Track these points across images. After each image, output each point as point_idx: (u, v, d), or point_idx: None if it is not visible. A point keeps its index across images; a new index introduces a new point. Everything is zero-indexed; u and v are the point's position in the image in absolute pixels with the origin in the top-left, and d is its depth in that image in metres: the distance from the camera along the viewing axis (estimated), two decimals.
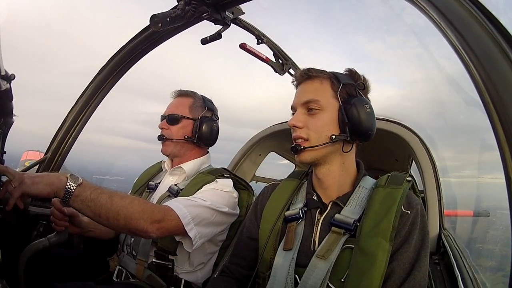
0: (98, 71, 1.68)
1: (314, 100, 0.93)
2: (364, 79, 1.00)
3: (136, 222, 0.97)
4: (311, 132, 0.92)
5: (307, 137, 0.92)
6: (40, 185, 0.89)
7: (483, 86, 0.53)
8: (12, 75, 0.97)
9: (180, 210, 1.08)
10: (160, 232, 1.03)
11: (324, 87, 0.95)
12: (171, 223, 1.05)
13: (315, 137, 0.92)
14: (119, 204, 0.96)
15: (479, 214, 2.72)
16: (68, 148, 1.74)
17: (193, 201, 1.15)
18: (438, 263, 1.21)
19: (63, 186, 0.90)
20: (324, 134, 0.91)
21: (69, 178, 0.92)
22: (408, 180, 0.91)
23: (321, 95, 0.93)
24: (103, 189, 0.97)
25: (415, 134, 1.52)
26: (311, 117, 0.93)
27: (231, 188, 1.29)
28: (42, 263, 1.23)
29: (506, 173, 0.49)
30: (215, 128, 1.41)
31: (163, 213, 1.04)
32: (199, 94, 1.46)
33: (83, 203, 0.93)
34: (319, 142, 0.91)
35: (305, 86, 0.97)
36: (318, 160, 0.94)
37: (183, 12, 1.17)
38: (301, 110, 0.95)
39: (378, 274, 0.77)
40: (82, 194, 0.92)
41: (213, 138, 1.42)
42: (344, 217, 0.89)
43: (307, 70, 0.98)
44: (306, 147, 0.92)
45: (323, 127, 0.92)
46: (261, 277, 0.96)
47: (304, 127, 0.93)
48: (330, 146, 0.92)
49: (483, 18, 0.57)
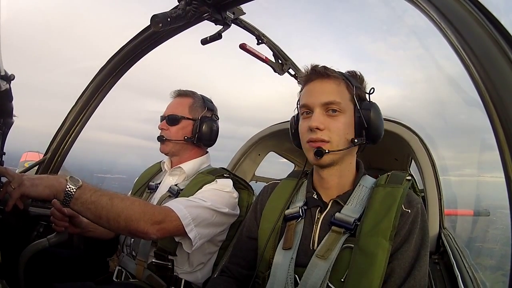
0: (98, 71, 1.68)
1: (336, 102, 0.90)
2: (364, 81, 1.00)
3: (137, 224, 0.97)
4: (333, 135, 0.90)
5: (328, 140, 0.90)
6: (39, 187, 0.89)
7: (483, 86, 0.53)
8: (12, 76, 0.96)
9: (181, 211, 1.08)
10: (161, 233, 1.03)
11: (341, 89, 0.93)
12: (172, 224, 1.05)
13: (337, 140, 0.90)
14: (119, 206, 0.95)
15: (480, 213, 2.71)
16: (68, 148, 1.73)
17: (194, 202, 1.15)
18: (438, 263, 1.21)
19: (63, 188, 0.90)
20: (344, 137, 0.90)
21: (69, 181, 0.91)
22: (408, 179, 0.91)
23: (341, 97, 0.91)
24: (103, 191, 0.96)
25: (414, 134, 1.53)
26: (332, 119, 0.90)
27: (231, 188, 1.29)
28: (42, 263, 1.22)
29: (506, 173, 0.49)
30: (215, 129, 1.40)
31: (163, 214, 1.04)
32: (198, 94, 1.45)
33: (83, 206, 0.92)
34: (340, 145, 0.90)
35: (322, 85, 0.93)
36: (335, 162, 0.93)
37: (184, 12, 1.16)
38: (320, 111, 0.91)
39: (378, 273, 0.77)
40: (82, 196, 0.92)
41: (213, 139, 1.41)
42: (344, 216, 0.89)
43: (324, 68, 0.93)
44: (331, 150, 0.89)
45: (344, 130, 0.90)
46: (261, 277, 0.96)
47: (325, 129, 0.90)
48: (349, 149, 0.91)
49: (483, 18, 0.57)
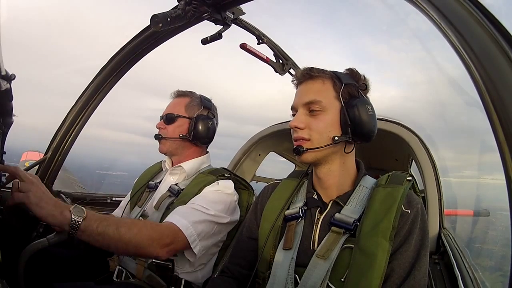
0: (99, 71, 1.68)
1: (316, 101, 0.91)
2: (364, 78, 0.98)
3: (147, 250, 1.00)
4: (313, 133, 0.91)
5: (308, 138, 0.91)
6: (43, 211, 0.86)
7: (483, 86, 0.53)
8: (12, 75, 0.96)
9: (187, 230, 1.10)
10: (170, 254, 1.07)
11: (326, 88, 0.93)
12: (179, 244, 1.09)
13: (317, 138, 0.91)
14: (127, 236, 0.96)
15: (479, 213, 2.71)
16: (68, 148, 1.74)
17: (198, 214, 1.16)
18: (438, 263, 1.21)
19: (68, 221, 0.88)
20: (326, 135, 0.90)
21: (73, 213, 0.89)
22: (409, 180, 0.91)
23: (323, 96, 0.92)
24: (108, 219, 0.96)
25: (415, 134, 1.53)
26: (313, 118, 0.92)
27: (232, 190, 1.29)
28: (43, 263, 1.22)
29: (506, 173, 0.49)
30: (211, 126, 1.39)
31: (171, 236, 1.06)
32: (197, 94, 1.46)
33: (90, 237, 0.92)
34: (321, 143, 0.90)
35: (306, 86, 0.95)
36: (319, 160, 0.94)
37: (184, 12, 1.17)
38: (302, 111, 0.93)
39: (377, 274, 0.77)
40: (88, 228, 0.91)
41: (209, 136, 1.41)
42: (344, 216, 0.89)
43: (309, 70, 0.96)
44: (309, 148, 0.91)
45: (325, 128, 0.91)
46: (261, 277, 0.96)
47: (305, 128, 0.91)
48: (332, 147, 0.91)
49: (483, 18, 0.57)
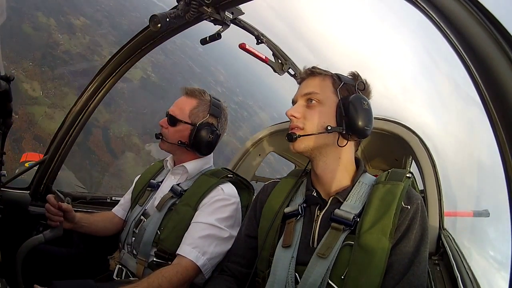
0: (98, 71, 1.68)
1: (313, 92, 0.96)
2: (366, 82, 1.00)
3: None
4: (308, 122, 0.94)
5: (302, 127, 0.94)
6: None
7: (483, 86, 0.53)
8: (11, 76, 0.96)
9: (200, 261, 1.14)
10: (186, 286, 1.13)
11: (325, 83, 0.97)
12: (193, 276, 1.14)
13: (311, 127, 0.94)
14: None
15: (480, 214, 2.70)
16: (67, 148, 1.73)
17: (215, 238, 1.18)
18: (438, 264, 1.20)
19: None
20: (320, 125, 0.93)
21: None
22: (408, 177, 0.91)
23: (321, 90, 0.96)
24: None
25: (415, 134, 1.52)
26: (309, 109, 0.96)
27: (236, 196, 1.29)
28: (43, 262, 1.22)
29: (506, 173, 0.49)
30: (212, 140, 1.32)
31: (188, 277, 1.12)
32: (208, 96, 1.38)
33: None
34: (313, 131, 0.93)
35: (307, 82, 1.01)
36: (312, 150, 0.94)
37: (183, 12, 1.16)
38: (300, 102, 0.98)
39: (378, 271, 0.77)
40: None
41: (210, 148, 1.35)
42: (344, 212, 0.88)
43: (312, 68, 1.01)
44: (301, 135, 0.93)
45: (319, 119, 0.94)
46: (261, 276, 0.96)
47: (301, 117, 0.95)
48: (324, 136, 0.93)
49: (483, 18, 0.57)
